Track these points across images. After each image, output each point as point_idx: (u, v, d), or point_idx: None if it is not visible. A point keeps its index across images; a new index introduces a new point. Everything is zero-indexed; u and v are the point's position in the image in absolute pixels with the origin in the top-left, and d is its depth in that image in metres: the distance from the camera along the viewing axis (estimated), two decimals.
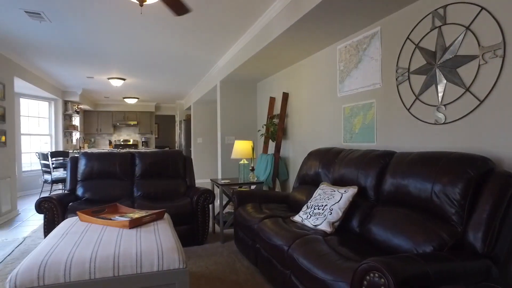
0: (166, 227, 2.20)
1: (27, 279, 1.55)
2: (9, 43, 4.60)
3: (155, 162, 4.07)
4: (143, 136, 11.52)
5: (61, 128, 8.70)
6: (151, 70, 6.33)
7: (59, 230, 2.15)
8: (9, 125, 5.18)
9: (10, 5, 3.35)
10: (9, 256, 3.35)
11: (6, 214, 5.01)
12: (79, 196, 3.74)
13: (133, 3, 3.15)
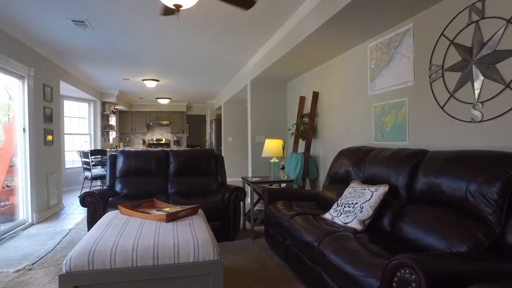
0: (201, 221, 2.31)
1: (79, 264, 1.71)
2: (56, 49, 4.95)
3: (188, 160, 4.23)
4: (175, 136, 11.87)
5: (99, 128, 9.17)
6: (184, 71, 6.54)
7: (103, 222, 2.32)
8: (56, 125, 5.55)
9: (59, 15, 3.62)
10: (58, 245, 3.62)
11: (53, 207, 5.38)
12: (118, 192, 3.96)
13: (170, 9, 3.29)
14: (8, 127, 4.78)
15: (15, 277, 2.78)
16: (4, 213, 4.44)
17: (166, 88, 8.54)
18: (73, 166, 8.29)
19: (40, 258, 3.21)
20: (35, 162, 4.75)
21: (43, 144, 5.08)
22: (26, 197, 4.64)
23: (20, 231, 4.23)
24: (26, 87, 4.59)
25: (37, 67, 4.84)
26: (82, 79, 7.16)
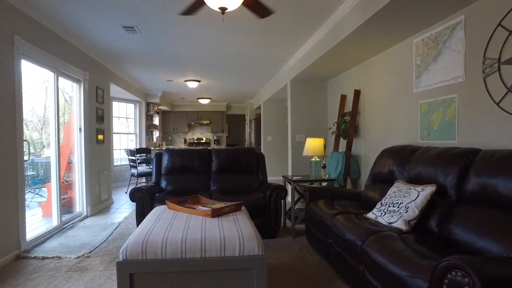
0: (245, 217, 2.37)
1: (134, 252, 1.84)
2: (108, 54, 5.29)
3: (230, 159, 4.34)
4: (215, 135, 12.16)
5: (144, 127, 9.64)
6: (224, 71, 6.69)
7: (152, 216, 2.46)
8: (106, 125, 5.93)
9: (112, 23, 3.87)
10: (110, 236, 3.88)
11: (104, 201, 5.76)
12: (163, 188, 4.16)
13: (215, 12, 3.40)
14: (67, 127, 5.18)
15: (76, 263, 3.03)
16: (64, 205, 4.83)
17: (207, 89, 8.77)
18: (120, 164, 8.79)
19: (95, 248, 3.47)
20: (89, 159, 5.12)
21: (96, 143, 5.45)
22: (82, 192, 5.01)
23: (77, 222, 4.58)
24: (82, 90, 4.95)
25: (91, 71, 5.20)
26: (129, 81, 7.57)
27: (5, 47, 3.17)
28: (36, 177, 7.49)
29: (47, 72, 4.13)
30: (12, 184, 3.25)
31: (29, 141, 3.61)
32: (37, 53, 3.69)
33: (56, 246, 3.53)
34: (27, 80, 3.54)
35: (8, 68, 3.20)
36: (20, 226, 3.35)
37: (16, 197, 3.31)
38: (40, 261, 3.11)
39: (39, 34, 3.74)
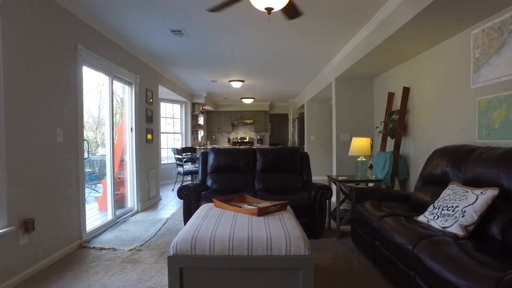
0: (290, 217, 2.37)
1: (184, 248, 1.91)
2: (157, 57, 5.54)
3: (274, 158, 4.35)
4: (258, 134, 12.25)
5: (189, 127, 9.96)
6: (268, 71, 6.72)
7: (200, 213, 2.54)
8: (155, 125, 6.22)
9: (161, 27, 4.05)
10: (159, 232, 4.07)
11: (153, 198, 6.05)
12: (209, 186, 4.27)
13: (261, 12, 3.42)
14: (119, 127, 5.51)
15: (129, 255, 3.22)
16: (117, 201, 5.15)
17: (250, 88, 8.87)
18: (167, 162, 9.18)
19: (145, 242, 3.65)
20: (139, 158, 5.40)
21: (145, 142, 5.73)
22: (133, 188, 5.30)
23: (129, 217, 4.86)
24: (133, 92, 5.24)
25: (141, 74, 5.48)
26: (176, 82, 7.87)
27: (70, 55, 3.45)
28: (92, 174, 8.06)
29: (102, 76, 4.42)
30: (74, 180, 3.53)
31: (87, 140, 3.89)
32: (96, 59, 3.96)
33: (111, 238, 3.77)
34: (87, 83, 3.83)
35: (72, 74, 3.48)
36: (81, 219, 3.62)
37: (77, 192, 3.58)
38: (98, 251, 3.35)
39: (97, 42, 4.02)
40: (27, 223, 2.74)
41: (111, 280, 2.64)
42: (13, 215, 2.62)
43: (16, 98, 2.67)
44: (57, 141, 3.22)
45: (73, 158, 3.51)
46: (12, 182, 2.61)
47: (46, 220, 3.03)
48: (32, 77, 2.87)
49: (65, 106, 3.37)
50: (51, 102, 3.13)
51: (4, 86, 2.54)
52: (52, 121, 3.14)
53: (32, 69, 2.87)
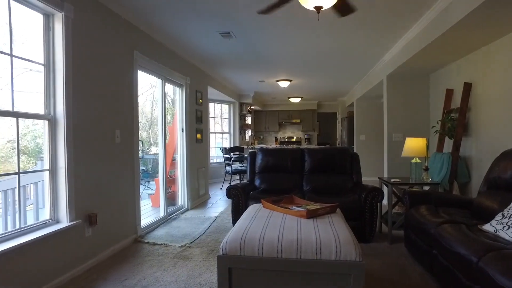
0: (340, 220, 2.30)
1: (233, 248, 1.94)
2: (205, 59, 5.70)
3: (323, 158, 4.27)
4: (306, 133, 12.11)
5: (237, 127, 10.12)
6: (316, 70, 6.61)
7: (249, 214, 2.56)
8: (204, 125, 6.41)
9: (210, 30, 4.16)
10: (208, 230, 4.18)
11: (202, 196, 6.24)
12: (257, 186, 4.30)
13: (309, 11, 3.37)
14: (171, 127, 5.76)
15: (180, 251, 3.35)
16: (169, 198, 5.38)
17: (298, 87, 8.79)
18: (215, 162, 9.41)
19: (195, 239, 3.77)
20: (189, 157, 5.59)
21: (195, 142, 5.92)
22: (183, 186, 5.50)
23: (180, 214, 5.05)
24: (184, 93, 5.44)
25: (191, 76, 5.66)
26: (224, 83, 8.03)
27: (127, 61, 3.67)
28: (146, 172, 8.52)
29: (155, 79, 4.65)
30: (130, 178, 3.75)
31: (141, 139, 4.12)
32: (149, 63, 4.17)
33: (163, 235, 3.95)
34: (140, 86, 4.05)
35: (129, 78, 3.70)
36: (136, 215, 3.84)
37: (133, 189, 3.80)
38: (152, 246, 3.53)
39: (151, 47, 4.23)
40: (91, 217, 2.97)
41: (164, 275, 2.77)
42: (79, 209, 2.85)
43: (81, 102, 2.90)
44: (116, 142, 3.44)
45: (129, 157, 3.73)
46: (78, 180, 2.84)
47: (107, 215, 3.25)
48: (94, 82, 3.10)
49: (123, 108, 3.59)
50: (111, 105, 3.35)
51: (72, 92, 2.77)
52: (112, 123, 3.37)
53: (94, 75, 3.09)
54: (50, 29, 2.71)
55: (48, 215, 2.70)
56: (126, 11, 3.52)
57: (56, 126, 2.71)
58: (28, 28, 2.79)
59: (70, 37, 2.75)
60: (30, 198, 3.67)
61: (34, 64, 2.65)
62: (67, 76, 2.72)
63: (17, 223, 2.54)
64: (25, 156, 5.78)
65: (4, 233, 2.33)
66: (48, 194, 2.71)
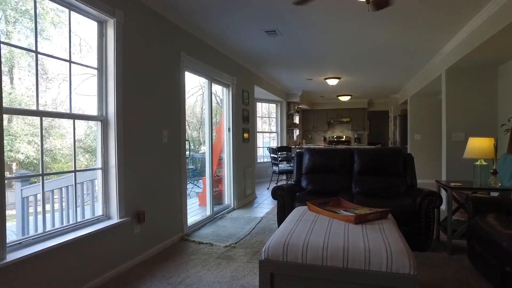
0: (392, 227, 2.12)
1: (275, 253, 1.86)
2: (252, 58, 5.68)
3: (374, 159, 4.02)
4: (356, 133, 11.66)
5: (285, 126, 10.01)
6: (366, 66, 6.30)
7: (293, 217, 2.46)
8: (251, 125, 6.40)
9: (255, 29, 4.12)
10: (253, 230, 4.15)
11: (248, 196, 6.23)
12: (303, 187, 4.17)
13: (358, 3, 3.19)
14: (218, 127, 5.82)
15: (224, 251, 3.34)
16: (215, 198, 5.45)
17: (347, 85, 8.47)
18: (262, 161, 9.39)
19: (240, 239, 3.75)
20: (236, 156, 5.61)
21: (242, 142, 5.93)
22: (230, 186, 5.53)
23: (226, 214, 5.08)
24: (231, 93, 5.46)
25: (238, 75, 5.68)
26: (271, 82, 7.97)
27: (175, 62, 3.76)
28: (195, 170, 8.76)
29: (203, 80, 4.72)
30: (177, 177, 3.83)
31: (190, 139, 4.20)
32: (196, 64, 4.24)
33: (209, 234, 3.98)
34: (191, 87, 4.15)
35: (176, 80, 3.78)
36: (183, 213, 3.92)
37: (180, 188, 3.88)
38: (197, 245, 3.57)
39: (197, 48, 4.29)
40: (139, 215, 3.07)
41: (207, 275, 2.77)
42: (128, 207, 2.96)
43: (130, 104, 3.00)
44: (163, 142, 3.53)
45: (176, 157, 3.81)
46: (127, 178, 2.95)
47: (154, 213, 3.35)
48: (143, 84, 3.20)
49: (170, 109, 3.68)
50: (158, 106, 3.45)
51: (123, 94, 2.88)
52: (159, 124, 3.46)
53: (142, 77, 3.20)
54: (103, 35, 2.83)
55: (100, 211, 2.84)
56: (173, 14, 3.60)
57: (107, 126, 2.83)
58: (89, 36, 2.96)
59: (120, 41, 2.87)
60: (88, 195, 3.91)
61: (91, 69, 2.80)
62: (118, 79, 2.83)
63: (74, 218, 2.70)
64: (89, 154, 6.21)
65: (62, 227, 2.48)
66: (100, 191, 2.84)
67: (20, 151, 7.31)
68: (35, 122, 6.43)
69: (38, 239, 2.27)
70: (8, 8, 5.36)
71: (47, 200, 3.67)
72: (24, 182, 3.91)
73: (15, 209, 3.83)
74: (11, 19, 6.42)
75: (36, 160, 7.69)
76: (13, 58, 5.57)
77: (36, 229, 3.31)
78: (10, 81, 7.16)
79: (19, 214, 3.66)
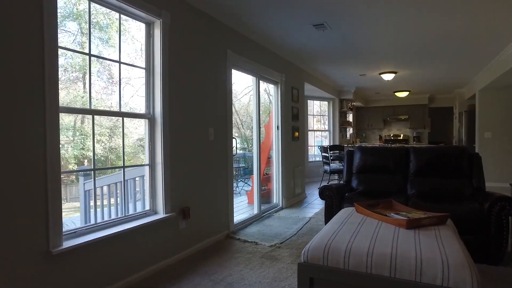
0: (451, 235, 1.87)
1: (315, 257, 1.75)
2: (301, 54, 5.53)
3: (433, 159, 3.66)
4: (415, 131, 10.88)
5: (337, 124, 9.66)
6: (425, 59, 5.81)
7: (339, 218, 2.31)
8: (301, 123, 6.25)
9: (303, 23, 3.99)
10: (300, 231, 4.03)
11: (298, 195, 6.10)
12: (354, 188, 3.94)
13: None
14: (267, 125, 5.77)
15: (269, 251, 3.28)
16: (263, 196, 5.41)
17: (404, 80, 7.91)
18: (314, 160, 9.16)
19: (286, 239, 3.65)
20: (285, 155, 5.51)
21: (291, 140, 5.82)
22: (278, 185, 5.45)
23: (273, 213, 5.01)
24: (279, 91, 5.38)
25: (286, 72, 5.57)
26: (322, 79, 7.73)
27: (221, 61, 3.78)
28: (246, 169, 8.82)
29: (250, 77, 4.69)
30: (223, 175, 3.85)
31: (243, 138, 4.20)
32: (243, 62, 4.22)
33: (255, 232, 3.94)
34: (245, 86, 4.15)
35: (222, 78, 3.80)
36: (229, 211, 3.93)
37: (226, 186, 3.90)
38: (242, 243, 3.55)
39: (243, 45, 4.27)
40: (185, 211, 3.12)
41: (249, 274, 2.72)
42: (174, 203, 3.02)
43: (176, 102, 3.07)
44: (209, 139, 3.56)
45: (222, 154, 3.83)
46: (173, 175, 3.01)
47: (200, 210, 3.39)
48: (188, 83, 3.25)
49: (216, 107, 3.70)
50: (204, 104, 3.48)
51: (169, 93, 2.95)
52: (205, 121, 3.49)
53: (188, 76, 3.25)
54: (151, 36, 2.93)
55: (148, 206, 2.93)
56: (218, 12, 3.61)
57: (154, 124, 2.92)
58: (140, 38, 3.08)
59: (167, 41, 2.94)
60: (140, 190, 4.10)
61: (141, 69, 2.91)
62: (164, 78, 2.91)
63: (123, 212, 2.83)
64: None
65: (112, 219, 2.61)
66: (147, 187, 2.94)
67: (90, 149, 7.97)
68: (102, 122, 6.95)
69: (91, 229, 2.40)
70: (82, 21, 5.85)
71: (105, 194, 3.94)
72: (86, 177, 4.23)
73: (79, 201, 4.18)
74: (85, 30, 6.98)
75: (103, 157, 8.34)
76: (85, 65, 6.10)
77: (92, 220, 3.54)
78: (83, 85, 7.86)
79: (82, 206, 3.96)
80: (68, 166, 6.88)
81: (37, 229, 1.99)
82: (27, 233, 1.94)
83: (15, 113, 1.88)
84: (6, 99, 1.84)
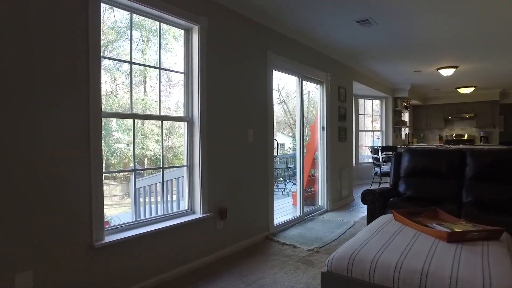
0: (502, 253, 1.66)
1: (339, 267, 1.67)
2: (346, 52, 5.32)
3: (494, 162, 3.27)
4: (482, 131, 9.87)
5: (391, 124, 9.14)
6: (492, 50, 5.23)
7: (374, 226, 2.18)
8: (348, 123, 6.03)
9: (346, 20, 3.83)
10: (342, 236, 3.88)
11: (344, 198, 5.89)
12: (401, 192, 3.69)
13: None
14: (312, 126, 5.66)
15: (306, 255, 3.20)
16: (308, 198, 5.31)
17: (468, 75, 7.22)
18: (365, 161, 8.77)
19: (326, 244, 3.54)
20: (331, 156, 5.35)
21: (338, 141, 5.63)
22: (323, 187, 5.31)
23: (317, 216, 4.89)
24: (324, 90, 5.23)
25: (332, 71, 5.40)
26: (372, 77, 7.36)
27: (260, 62, 3.78)
28: (296, 169, 8.72)
29: (293, 78, 4.63)
30: (264, 176, 3.84)
31: (294, 138, 4.16)
32: (284, 62, 4.17)
33: (295, 235, 3.88)
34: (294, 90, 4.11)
35: (262, 79, 3.80)
36: (269, 212, 3.91)
37: (266, 187, 3.89)
38: (280, 246, 3.51)
39: (284, 45, 4.22)
40: (222, 211, 3.18)
41: (283, 278, 2.68)
42: (212, 203, 3.09)
43: (214, 104, 3.13)
44: (248, 141, 3.58)
45: (263, 155, 3.82)
46: (211, 175, 3.08)
47: (238, 211, 3.42)
48: (227, 85, 3.30)
49: (256, 108, 3.70)
50: (243, 106, 3.51)
51: (207, 95, 3.02)
52: (244, 123, 3.52)
53: (226, 78, 3.29)
54: (190, 41, 3.02)
55: (186, 206, 3.04)
56: (256, 13, 3.60)
57: (192, 127, 3.01)
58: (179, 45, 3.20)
59: (204, 45, 3.01)
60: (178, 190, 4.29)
61: (181, 74, 3.03)
62: (202, 81, 2.98)
63: (162, 210, 2.96)
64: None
65: (152, 217, 2.74)
66: (186, 187, 3.04)
67: (149, 149, 8.53)
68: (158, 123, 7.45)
69: (132, 226, 2.55)
70: (143, 30, 6.29)
71: (153, 192, 4.17)
72: (138, 176, 4.51)
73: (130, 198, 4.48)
74: (145, 38, 7.49)
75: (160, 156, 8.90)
76: (145, 70, 6.55)
77: (141, 216, 3.76)
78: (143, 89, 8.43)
79: (132, 203, 4.24)
80: (129, 164, 7.41)
81: (82, 224, 2.17)
82: (74, 228, 2.13)
83: (64, 118, 2.06)
84: (57, 107, 2.03)
